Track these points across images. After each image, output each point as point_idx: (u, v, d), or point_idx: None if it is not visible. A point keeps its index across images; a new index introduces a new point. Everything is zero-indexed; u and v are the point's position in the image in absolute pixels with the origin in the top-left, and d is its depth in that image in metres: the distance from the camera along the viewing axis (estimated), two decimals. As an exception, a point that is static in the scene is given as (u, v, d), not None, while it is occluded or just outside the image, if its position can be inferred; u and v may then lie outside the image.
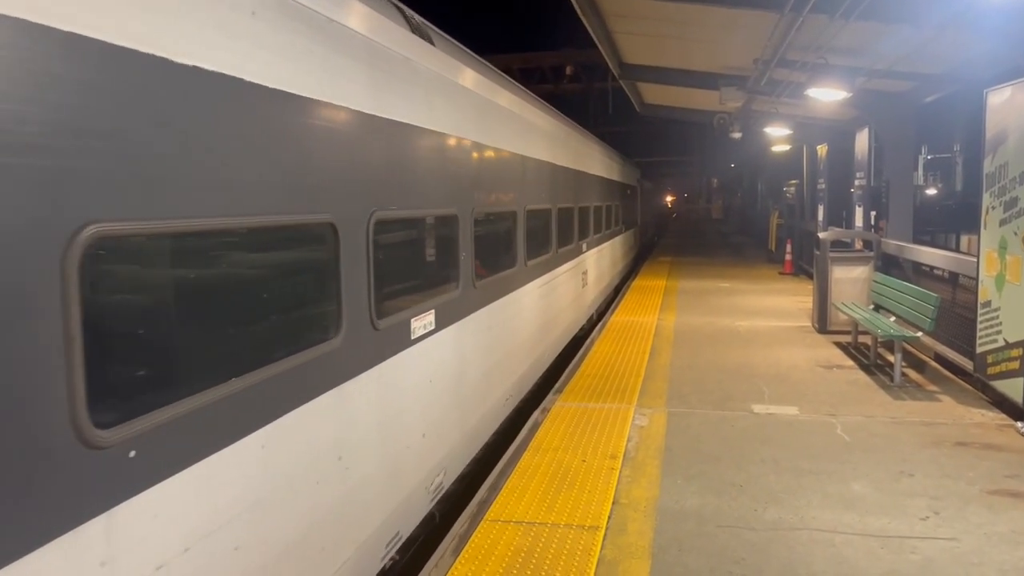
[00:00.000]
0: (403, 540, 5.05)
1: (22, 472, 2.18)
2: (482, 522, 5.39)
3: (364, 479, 4.44)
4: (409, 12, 5.63)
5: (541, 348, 9.77)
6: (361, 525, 4.41)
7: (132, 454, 2.58)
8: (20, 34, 2.18)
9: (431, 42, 5.74)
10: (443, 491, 5.89)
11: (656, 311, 14.58)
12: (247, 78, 3.26)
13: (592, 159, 14.84)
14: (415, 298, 5.45)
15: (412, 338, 5.21)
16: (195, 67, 2.91)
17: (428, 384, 5.54)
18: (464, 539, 5.14)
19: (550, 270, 10.43)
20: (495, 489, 5.99)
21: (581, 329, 13.65)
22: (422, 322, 5.40)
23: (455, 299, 6.19)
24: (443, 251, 6.18)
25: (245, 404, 3.26)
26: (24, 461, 2.20)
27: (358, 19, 4.42)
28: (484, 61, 7.66)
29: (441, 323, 5.79)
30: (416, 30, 5.46)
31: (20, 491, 2.17)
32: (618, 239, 19.96)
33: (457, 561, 4.84)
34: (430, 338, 5.56)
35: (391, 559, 4.94)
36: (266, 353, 3.50)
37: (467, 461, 6.58)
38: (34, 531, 2.21)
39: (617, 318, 13.81)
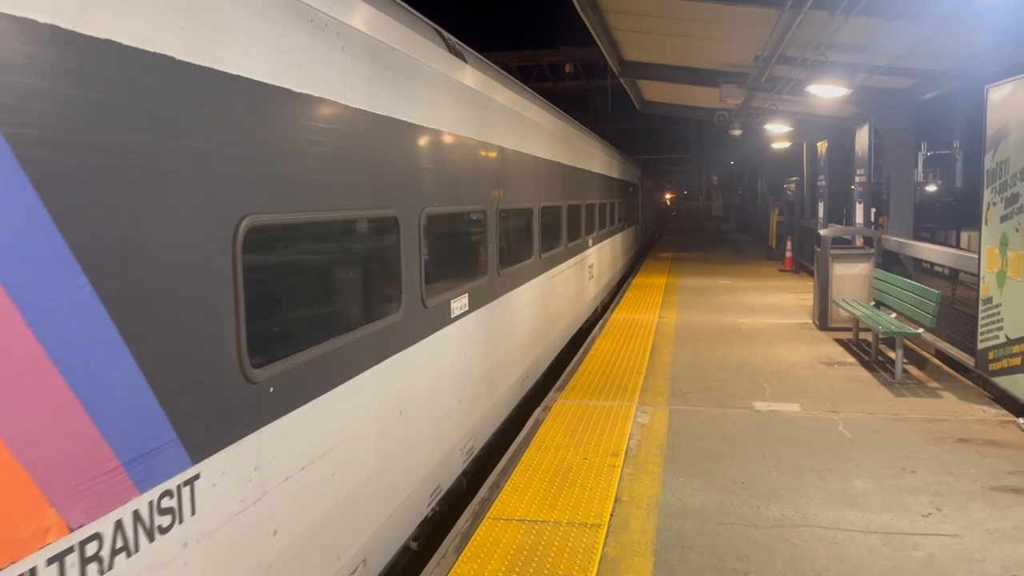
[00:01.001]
0: (443, 492, 5.84)
1: (215, 398, 3.02)
2: (484, 520, 5.39)
3: (417, 433, 5.25)
4: (446, 35, 6.40)
5: (555, 334, 10.63)
6: (415, 472, 5.21)
7: (271, 389, 3.40)
8: (238, 95, 3.17)
9: (464, 59, 6.50)
10: (473, 455, 6.63)
11: (657, 308, 14.58)
12: (342, 101, 4.13)
13: (597, 159, 15.57)
14: (453, 283, 6.21)
15: (451, 317, 6.02)
16: (307, 95, 3.77)
17: (463, 358, 6.34)
18: (467, 537, 5.14)
19: (561, 262, 11.25)
20: (497, 487, 5.99)
21: (587, 321, 14.29)
22: (459, 303, 6.23)
23: (484, 285, 7.03)
24: (474, 243, 6.97)
25: (340, 359, 4.06)
26: (215, 389, 3.02)
27: (418, 48, 5.33)
28: (506, 73, 8.48)
29: (473, 306, 6.63)
30: (452, 50, 6.23)
31: (213, 411, 3.01)
32: (621, 235, 20.66)
33: (460, 559, 4.84)
34: (465, 318, 6.37)
35: (433, 509, 5.64)
36: (356, 319, 4.43)
37: (492, 431, 7.35)
38: (215, 442, 3.02)
39: (618, 316, 13.81)
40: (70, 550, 2.30)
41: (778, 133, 21.17)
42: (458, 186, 6.21)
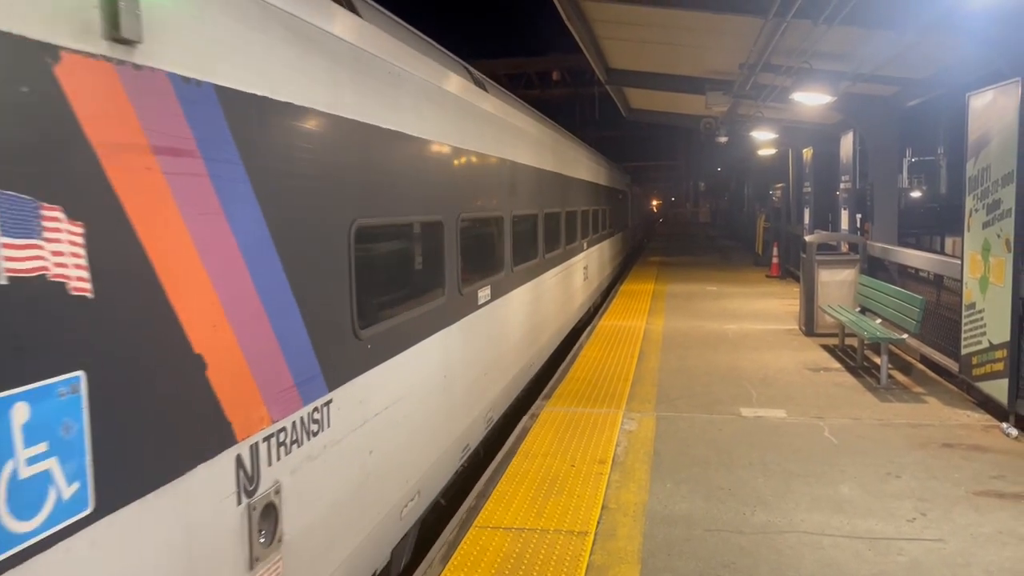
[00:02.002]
0: (470, 451, 6.90)
1: (340, 347, 4.15)
2: (471, 529, 5.38)
3: (455, 396, 6.32)
4: (472, 69, 7.70)
5: (555, 328, 11.71)
6: (453, 428, 6.27)
7: (369, 346, 4.52)
8: (357, 129, 4.42)
9: (485, 89, 7.70)
10: (492, 424, 7.70)
11: (644, 315, 14.61)
12: (412, 132, 5.31)
13: (591, 168, 16.82)
14: (479, 276, 7.31)
15: (478, 304, 7.14)
16: (391, 129, 4.93)
17: (487, 339, 7.46)
18: (453, 546, 5.13)
19: (561, 263, 12.39)
20: (484, 496, 5.98)
21: (587, 312, 15.73)
22: (484, 293, 7.35)
23: (502, 279, 8.15)
24: (494, 244, 8.07)
25: (409, 329, 5.25)
26: (343, 344, 4.20)
27: (457, 86, 6.53)
28: (516, 97, 9.67)
29: (494, 296, 7.74)
30: (476, 82, 7.46)
31: (339, 357, 4.13)
32: (612, 240, 21.84)
33: (446, 568, 4.83)
34: (487, 306, 7.49)
35: (463, 464, 6.66)
36: (419, 299, 5.61)
37: (506, 406, 8.40)
38: (340, 379, 4.14)
39: (605, 322, 13.84)
40: (271, 435, 3.47)
41: (764, 140, 21.27)
42: (482, 196, 7.39)
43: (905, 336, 9.57)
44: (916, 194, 34.34)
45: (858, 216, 16.98)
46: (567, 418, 7.94)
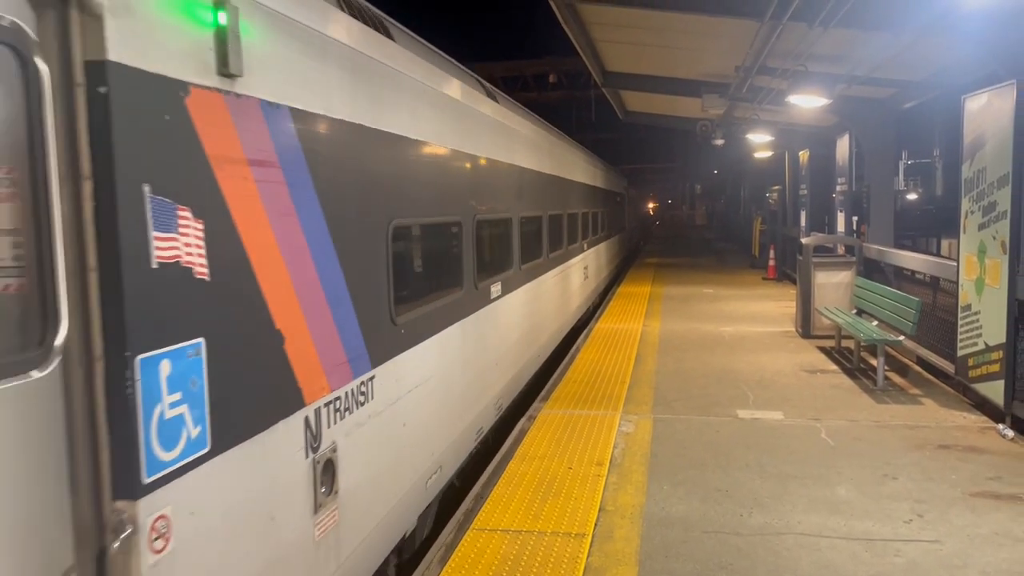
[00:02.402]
0: (483, 434, 7.38)
1: (380, 330, 4.75)
2: (468, 531, 5.38)
3: (470, 383, 6.88)
4: (484, 82, 8.33)
5: (558, 323, 12.33)
6: (468, 412, 6.80)
7: (403, 331, 5.12)
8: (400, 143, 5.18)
9: (495, 100, 8.36)
10: (501, 412, 8.20)
11: (641, 317, 14.62)
12: (439, 142, 6.03)
13: (589, 172, 17.49)
14: (491, 272, 7.92)
15: (491, 298, 7.74)
16: (420, 140, 5.60)
17: (497, 331, 8.03)
18: (451, 548, 5.13)
19: (563, 262, 13.05)
20: (481, 498, 5.98)
21: (586, 312, 16.38)
22: (495, 289, 7.96)
23: (510, 276, 8.75)
24: (504, 244, 8.66)
25: (434, 318, 5.83)
26: (382, 328, 4.79)
27: (477, 101, 7.33)
28: (522, 105, 10.46)
29: (504, 292, 8.34)
30: (488, 94, 8.07)
31: (380, 338, 4.73)
32: (610, 242, 22.48)
33: (443, 571, 4.83)
34: (498, 300, 8.08)
35: (476, 446, 7.16)
36: (443, 291, 6.24)
37: (514, 395, 8.91)
38: (380, 359, 4.73)
39: (602, 325, 13.84)
40: (330, 401, 4.06)
41: (760, 142, 21.31)
42: (494, 199, 7.98)
43: (901, 338, 9.59)
44: (912, 196, 34.39)
45: (854, 218, 17.03)
46: (564, 420, 7.95)
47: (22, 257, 2.41)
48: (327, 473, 4.00)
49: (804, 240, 13.61)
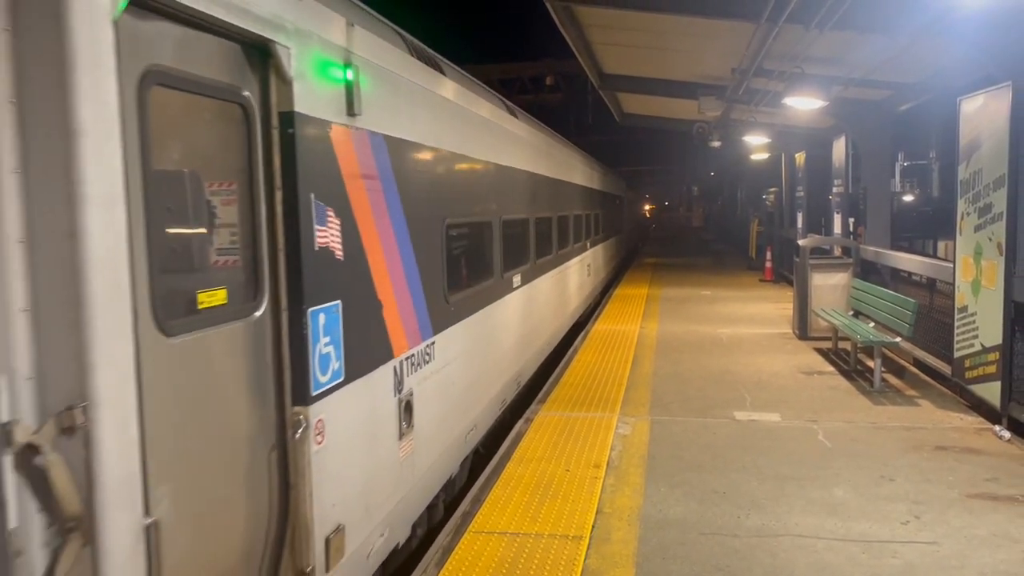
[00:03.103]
0: (506, 405, 8.53)
1: (441, 307, 5.97)
2: (466, 534, 5.37)
3: (497, 358, 8.12)
4: (508, 102, 9.66)
5: (567, 313, 13.67)
6: (494, 383, 7.92)
7: (452, 308, 6.30)
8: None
9: (516, 116, 9.62)
10: (520, 387, 9.31)
11: (638, 319, 14.63)
12: (479, 156, 7.38)
13: (592, 177, 18.92)
14: (513, 265, 9.05)
15: (513, 287, 8.95)
16: (464, 155, 6.89)
17: (518, 316, 9.25)
18: (448, 551, 5.13)
19: (571, 259, 14.31)
20: (479, 500, 5.98)
21: (590, 305, 17.65)
22: (516, 279, 9.13)
23: (528, 270, 9.94)
24: (522, 241, 9.76)
25: (473, 300, 7.06)
26: (439, 304, 5.95)
27: (503, 119, 8.68)
28: (536, 120, 11.79)
29: (523, 282, 9.56)
30: (510, 111, 9.30)
31: (437, 312, 5.88)
32: (609, 242, 23.45)
33: (440, 573, 4.83)
34: (519, 289, 9.30)
35: (498, 416, 8.18)
36: (478, 279, 7.47)
37: (529, 375, 9.99)
38: (438, 328, 5.90)
39: (600, 327, 13.85)
40: (408, 357, 5.24)
41: (757, 144, 21.33)
42: (515, 202, 9.16)
43: (898, 339, 9.61)
44: (908, 198, 34.43)
45: (851, 220, 17.04)
46: (562, 422, 7.94)
47: (237, 242, 3.58)
48: (407, 412, 5.24)
49: (801, 242, 13.62)
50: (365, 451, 4.59)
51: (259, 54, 3.68)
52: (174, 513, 3.01)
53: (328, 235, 4.10)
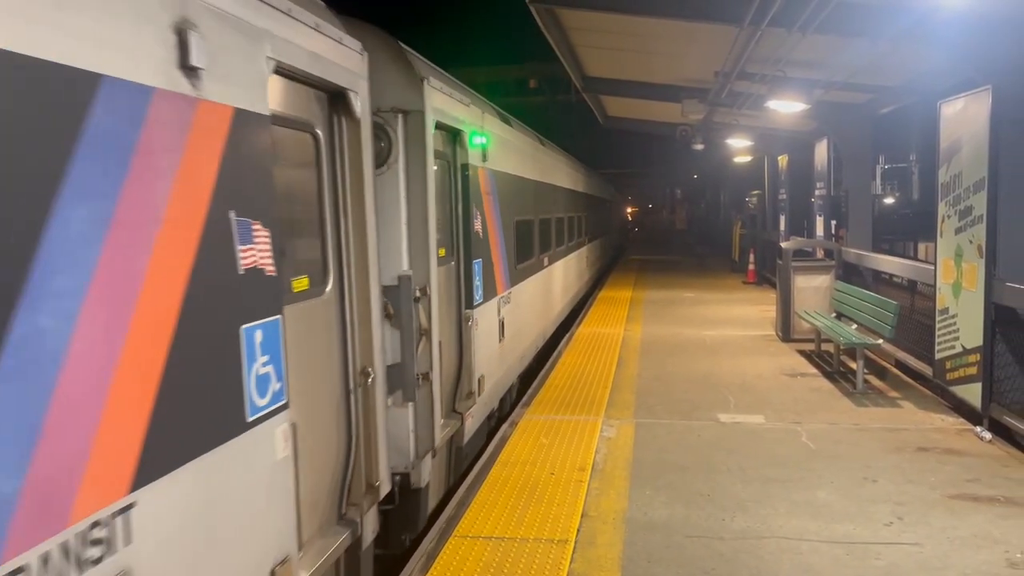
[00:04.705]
0: (538, 348, 11.82)
1: (513, 271, 9.71)
2: (450, 538, 5.35)
3: (536, 315, 11.55)
4: (538, 135, 13.47)
5: (572, 293, 17.06)
6: (533, 332, 11.21)
7: (518, 273, 10.09)
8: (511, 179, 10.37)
9: (543, 144, 12.98)
10: (545, 339, 12.58)
11: (622, 322, 14.65)
12: (522, 175, 10.87)
13: (592, 184, 23.24)
14: (544, 250, 12.34)
15: (543, 266, 12.26)
16: (523, 177, 10.88)
17: (546, 288, 12.71)
18: (432, 556, 5.10)
19: (575, 251, 17.76)
20: (463, 505, 5.95)
21: (584, 291, 20.19)
22: (545, 260, 12.35)
23: (551, 254, 13.29)
24: (548, 234, 13.07)
25: (526, 270, 10.61)
26: (513, 269, 9.68)
27: (539, 150, 12.80)
28: (552, 144, 15.62)
29: (549, 263, 12.83)
30: (540, 141, 12.93)
31: (513, 274, 9.65)
32: (602, 240, 26.92)
33: (426, 579, 4.80)
34: (547, 268, 12.82)
35: (534, 358, 11.37)
36: (528, 257, 10.80)
37: (549, 334, 13.02)
38: (513, 284, 9.65)
39: (584, 329, 13.85)
40: (503, 296, 8.88)
41: (739, 147, 21.44)
42: (544, 206, 12.59)
43: (880, 341, 9.67)
44: (889, 200, 34.72)
45: (833, 222, 17.14)
46: (547, 426, 7.93)
47: (452, 228, 7.27)
48: (501, 327, 8.65)
49: (784, 244, 13.69)
50: (487, 341, 8.06)
51: (454, 136, 7.25)
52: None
53: (477, 224, 7.61)
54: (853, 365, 9.84)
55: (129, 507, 2.44)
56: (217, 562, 2.96)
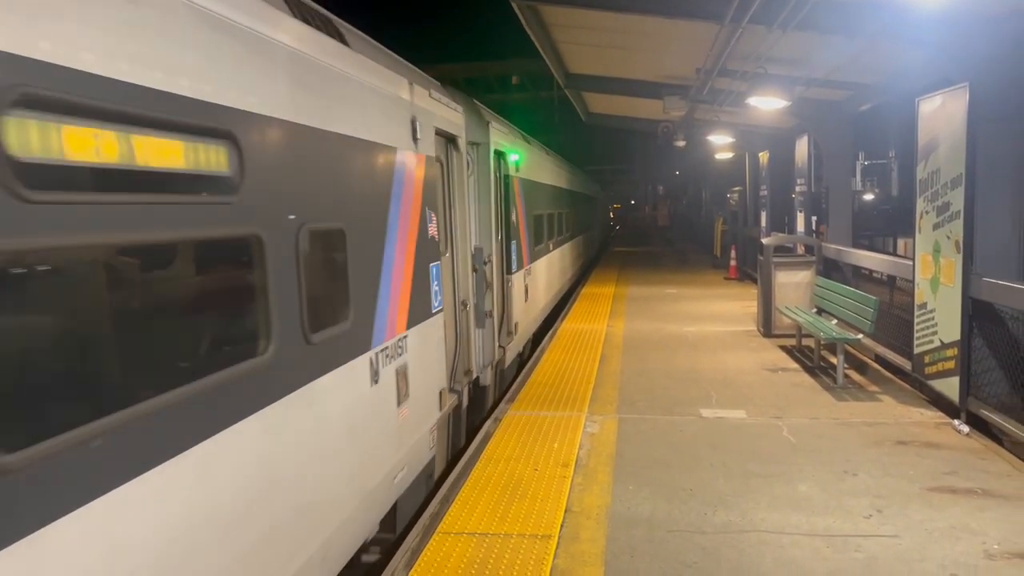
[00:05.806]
0: (545, 315, 14.67)
1: (532, 251, 13.64)
2: (434, 535, 5.35)
3: (547, 285, 14.97)
4: (547, 149, 17.93)
5: (571, 272, 20.79)
6: (543, 299, 14.28)
7: (536, 252, 13.92)
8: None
9: (548, 154, 17.26)
10: (553, 304, 15.79)
11: (605, 318, 14.69)
12: (547, 182, 16.01)
13: (585, 184, 27.99)
14: (552, 236, 15.92)
15: (550, 249, 15.70)
16: (541, 182, 15.13)
17: (552, 267, 15.83)
18: (416, 553, 5.10)
19: (569, 240, 20.48)
20: (447, 501, 5.96)
21: (575, 276, 22.78)
22: (551, 245, 15.77)
23: (558, 240, 16.93)
24: (555, 225, 16.35)
25: (539, 251, 14.25)
26: (532, 248, 13.33)
27: (549, 160, 17.55)
28: (558, 155, 20.05)
29: (554, 247, 16.10)
30: (549, 153, 17.63)
31: (532, 254, 13.33)
32: (590, 232, 30.43)
33: (409, 575, 4.80)
34: (553, 251, 16.29)
35: (542, 321, 14.34)
36: (540, 242, 14.45)
37: (554, 304, 16.00)
38: (532, 260, 13.34)
39: (567, 325, 13.89)
40: (525, 269, 12.28)
41: (721, 144, 21.54)
42: (556, 203, 16.14)
43: (860, 336, 9.75)
44: (869, 196, 34.99)
45: (814, 218, 17.27)
46: (530, 422, 7.95)
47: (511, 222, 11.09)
48: (525, 292, 11.82)
49: (765, 240, 13.78)
50: (518, 299, 10.67)
51: (500, 156, 9.92)
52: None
53: (514, 216, 10.19)
54: (834, 360, 9.93)
55: (405, 336, 5.62)
56: (428, 371, 6.26)
